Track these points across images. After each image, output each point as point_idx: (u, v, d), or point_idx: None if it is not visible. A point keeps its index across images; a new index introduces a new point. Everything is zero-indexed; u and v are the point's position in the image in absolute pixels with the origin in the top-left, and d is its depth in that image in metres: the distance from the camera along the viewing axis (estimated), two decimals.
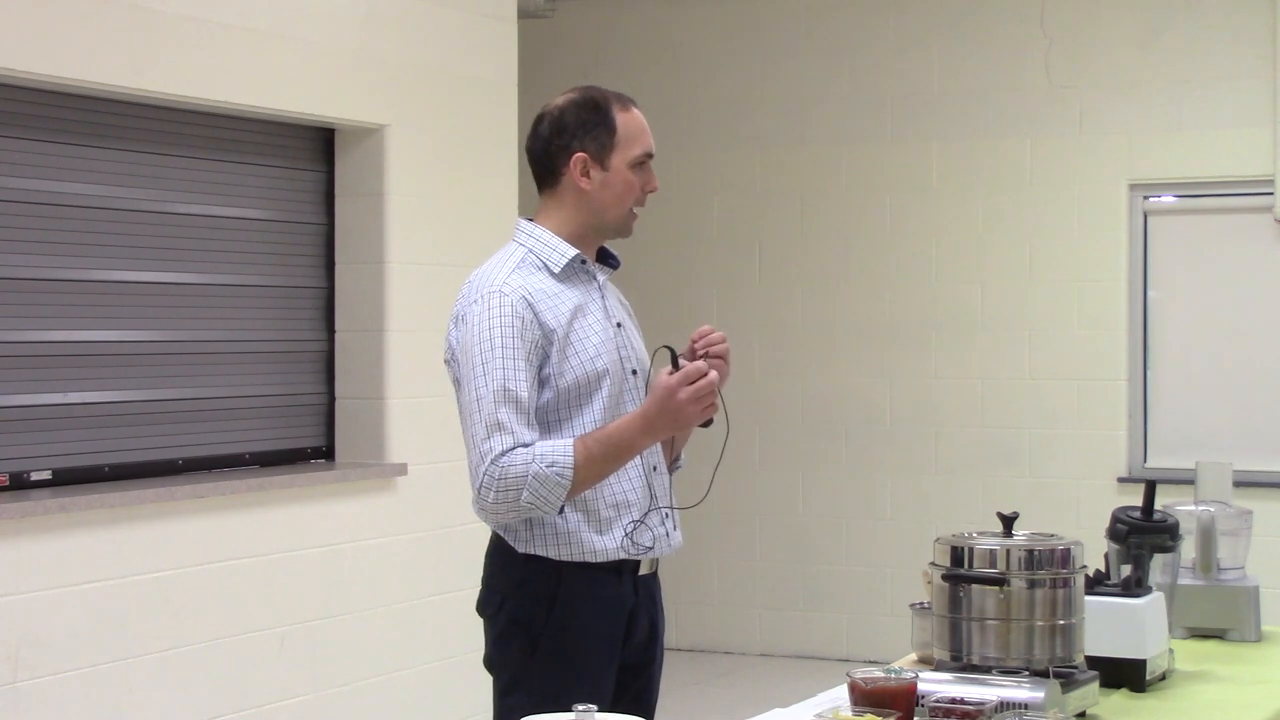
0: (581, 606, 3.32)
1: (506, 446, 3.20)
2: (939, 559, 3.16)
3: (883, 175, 8.66)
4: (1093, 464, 8.22)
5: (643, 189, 3.44)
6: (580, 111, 3.43)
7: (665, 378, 3.23)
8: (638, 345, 3.50)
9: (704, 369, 3.23)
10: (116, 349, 5.54)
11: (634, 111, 3.46)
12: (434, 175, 6.52)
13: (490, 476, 3.20)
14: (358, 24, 6.20)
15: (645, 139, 3.44)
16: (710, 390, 3.22)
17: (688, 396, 3.20)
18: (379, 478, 6.24)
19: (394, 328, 6.30)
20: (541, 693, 3.24)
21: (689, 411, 3.21)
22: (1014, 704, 2.85)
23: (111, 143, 5.49)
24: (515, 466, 3.19)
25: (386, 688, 6.24)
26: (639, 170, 3.43)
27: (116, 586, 5.19)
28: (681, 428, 3.29)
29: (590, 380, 3.33)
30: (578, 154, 3.40)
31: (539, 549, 3.32)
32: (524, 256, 3.40)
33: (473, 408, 3.26)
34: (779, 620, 8.83)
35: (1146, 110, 8.15)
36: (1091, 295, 8.27)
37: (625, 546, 3.34)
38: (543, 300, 3.33)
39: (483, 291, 3.33)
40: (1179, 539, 3.69)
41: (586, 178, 3.40)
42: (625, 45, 9.07)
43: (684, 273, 8.94)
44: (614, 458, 3.26)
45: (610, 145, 3.40)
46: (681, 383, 3.20)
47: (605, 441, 3.24)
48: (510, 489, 3.19)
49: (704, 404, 3.22)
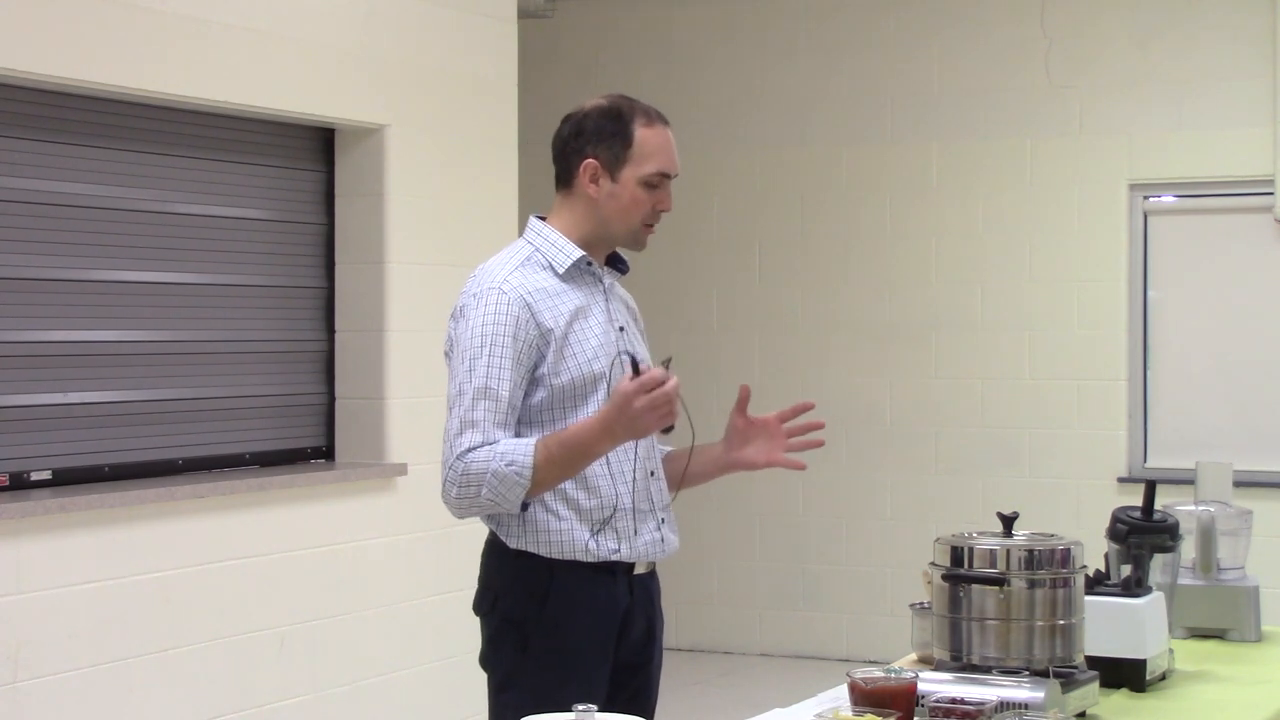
0: (574, 605, 3.32)
1: (474, 444, 3.23)
2: (939, 559, 3.16)
3: (883, 175, 8.67)
4: (1093, 464, 8.22)
5: (654, 207, 3.41)
6: (601, 118, 3.41)
7: (623, 384, 3.19)
8: (641, 350, 3.50)
9: (662, 377, 3.17)
10: (116, 349, 5.54)
11: (658, 129, 3.41)
12: (434, 175, 6.52)
13: (454, 471, 3.24)
14: (358, 24, 6.20)
15: (663, 158, 3.39)
16: (668, 399, 3.16)
17: (644, 405, 3.15)
18: (379, 478, 6.24)
19: (394, 328, 6.30)
20: (534, 691, 3.24)
21: (645, 419, 3.17)
22: (1014, 704, 2.85)
23: (111, 143, 5.49)
24: (477, 463, 3.22)
25: (386, 688, 6.24)
26: (651, 188, 3.39)
27: (116, 586, 5.19)
28: (640, 434, 3.23)
29: (586, 381, 3.33)
30: (589, 160, 3.39)
31: (531, 546, 3.32)
32: (530, 254, 3.40)
33: (453, 401, 3.29)
34: (779, 620, 8.83)
35: (1146, 110, 8.15)
36: (1091, 295, 8.27)
37: (599, 543, 3.32)
38: (542, 300, 3.33)
39: (483, 287, 3.34)
40: (1179, 539, 3.69)
41: (595, 185, 3.39)
42: (625, 45, 9.07)
43: (684, 273, 8.94)
44: (573, 461, 3.24)
45: (624, 158, 3.38)
46: (638, 391, 3.15)
47: (565, 444, 3.23)
48: (471, 485, 3.23)
49: (660, 412, 3.17)
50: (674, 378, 3.20)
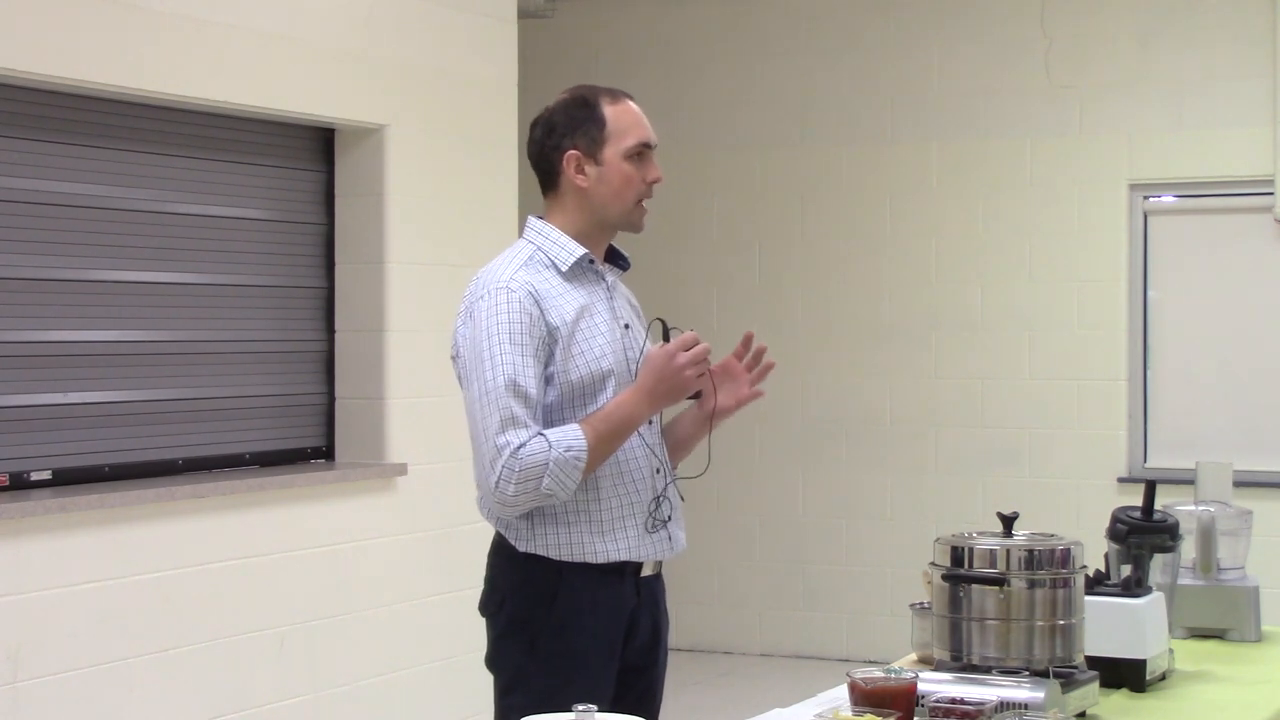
0: (582, 607, 3.33)
1: (523, 439, 3.21)
2: (939, 559, 3.16)
3: (882, 175, 8.66)
4: (1093, 464, 8.22)
5: (644, 180, 3.43)
6: (569, 110, 3.43)
7: (662, 346, 3.34)
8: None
9: (697, 337, 3.34)
10: (116, 349, 5.54)
11: (626, 103, 3.44)
12: (434, 175, 6.52)
13: (509, 469, 3.21)
14: (358, 24, 6.20)
15: (639, 130, 3.42)
16: (704, 358, 3.34)
17: (686, 360, 3.31)
18: (379, 478, 6.24)
19: (394, 328, 6.30)
20: (540, 693, 3.24)
21: (686, 376, 3.32)
22: (1014, 704, 2.85)
23: (111, 143, 5.49)
24: (535, 455, 3.21)
25: (386, 688, 6.24)
26: (637, 161, 3.42)
27: (116, 586, 5.19)
28: (679, 395, 3.36)
29: (596, 379, 3.34)
30: (570, 152, 3.40)
31: (540, 549, 3.32)
32: (532, 254, 3.40)
33: (483, 401, 3.25)
34: (779, 620, 8.83)
35: (1146, 110, 8.15)
36: (1091, 295, 8.27)
37: (612, 547, 3.33)
38: (549, 298, 3.33)
39: (490, 287, 3.33)
40: (1179, 539, 3.69)
41: (582, 174, 3.40)
42: (625, 45, 9.07)
43: (684, 273, 8.94)
44: (619, 434, 3.31)
45: (601, 139, 3.39)
46: (679, 348, 3.31)
47: (608, 419, 3.29)
48: (530, 478, 3.21)
49: (699, 370, 3.34)
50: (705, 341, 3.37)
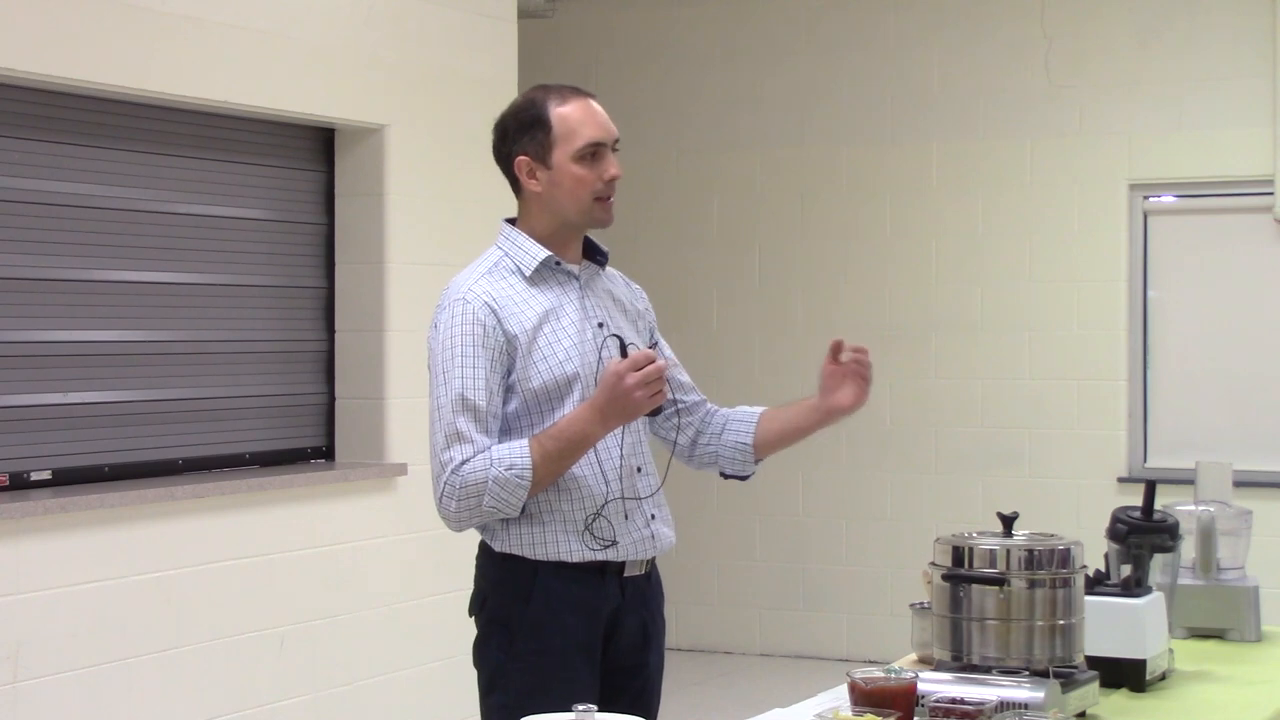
0: (557, 606, 3.29)
1: (466, 456, 3.19)
2: (939, 559, 3.16)
3: (882, 175, 8.66)
4: (1093, 464, 8.21)
5: (600, 179, 3.35)
6: (518, 114, 3.39)
7: (613, 363, 3.20)
8: (631, 337, 3.43)
9: (651, 356, 3.19)
10: (116, 349, 5.54)
11: (575, 103, 3.37)
12: (434, 175, 6.52)
13: (450, 485, 3.20)
14: (358, 24, 6.20)
15: (589, 129, 3.34)
16: (659, 376, 3.18)
17: (635, 382, 3.16)
18: (379, 478, 6.24)
19: (394, 328, 6.30)
20: (518, 692, 3.23)
21: (636, 397, 3.17)
22: (1014, 704, 2.85)
23: (111, 143, 5.49)
24: (475, 473, 3.18)
25: (386, 688, 6.24)
26: (590, 161, 3.34)
27: (116, 586, 5.19)
28: (631, 415, 3.22)
29: (559, 385, 3.29)
30: (520, 158, 3.36)
31: (515, 548, 3.30)
32: (498, 260, 3.38)
33: (434, 416, 3.26)
34: (779, 620, 8.83)
35: (1146, 110, 8.15)
36: (1091, 295, 8.26)
37: (587, 543, 3.29)
38: (509, 306, 3.30)
39: (450, 298, 3.33)
40: (1179, 539, 3.69)
41: (534, 179, 3.35)
42: (625, 45, 9.06)
43: (684, 273, 8.93)
44: (570, 453, 3.23)
45: (548, 142, 3.34)
46: (629, 368, 3.17)
47: (559, 437, 3.22)
48: (471, 495, 3.19)
49: (652, 390, 3.18)
50: (661, 358, 3.23)
